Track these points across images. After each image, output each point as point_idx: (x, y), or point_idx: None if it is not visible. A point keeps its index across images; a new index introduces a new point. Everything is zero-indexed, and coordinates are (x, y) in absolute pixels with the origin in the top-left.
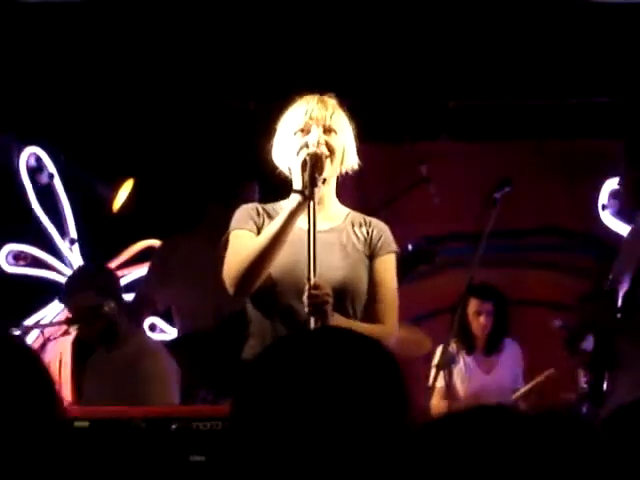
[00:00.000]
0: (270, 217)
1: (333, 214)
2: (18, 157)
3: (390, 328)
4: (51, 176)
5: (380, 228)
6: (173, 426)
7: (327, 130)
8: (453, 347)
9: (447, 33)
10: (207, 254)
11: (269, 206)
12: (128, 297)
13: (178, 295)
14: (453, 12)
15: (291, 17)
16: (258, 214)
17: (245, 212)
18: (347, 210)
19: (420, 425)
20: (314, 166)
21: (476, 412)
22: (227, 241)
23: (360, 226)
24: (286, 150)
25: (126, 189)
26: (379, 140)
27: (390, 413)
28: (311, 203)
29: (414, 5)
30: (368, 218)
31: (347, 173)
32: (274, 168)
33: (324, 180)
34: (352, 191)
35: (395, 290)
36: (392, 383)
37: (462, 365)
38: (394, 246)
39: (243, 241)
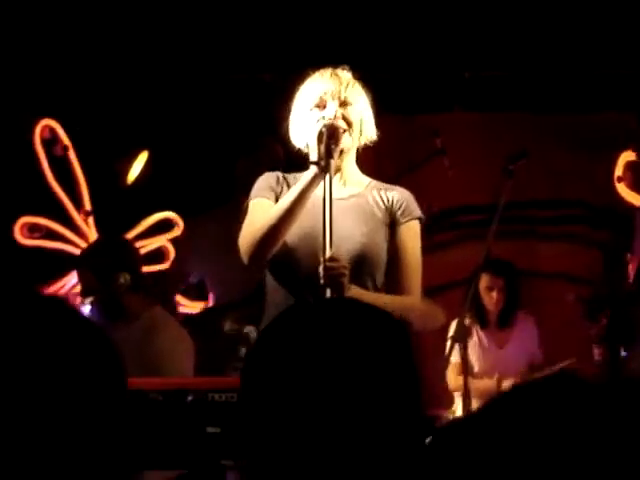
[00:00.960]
0: (289, 186)
1: (354, 182)
2: (33, 129)
3: (413, 299)
4: (66, 148)
5: (402, 194)
6: (189, 398)
7: (343, 103)
8: (467, 321)
9: (462, 3)
10: (234, 226)
11: (290, 176)
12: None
13: (210, 268)
14: None
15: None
16: (278, 182)
17: (265, 180)
18: (369, 179)
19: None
20: (330, 137)
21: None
22: (247, 209)
23: (382, 193)
24: (303, 126)
25: (141, 161)
26: (393, 112)
27: (399, 385)
28: (327, 175)
29: None
30: (391, 186)
31: (366, 145)
32: (291, 144)
33: (341, 151)
34: (367, 163)
35: (419, 258)
36: (402, 355)
37: (476, 339)
38: (418, 212)
39: (260, 210)
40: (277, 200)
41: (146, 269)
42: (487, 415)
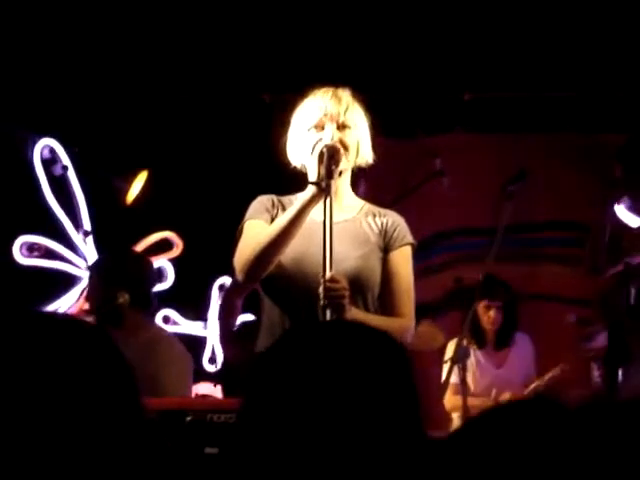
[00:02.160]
0: (284, 209)
1: (348, 206)
2: (32, 149)
3: (407, 321)
4: (65, 168)
5: (395, 220)
6: (188, 418)
7: (341, 126)
8: (465, 342)
9: (462, 26)
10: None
11: (285, 198)
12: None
13: None
14: (468, 4)
15: (306, 10)
16: (273, 205)
17: (260, 203)
18: (362, 202)
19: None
20: (331, 158)
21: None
22: (241, 230)
23: (375, 218)
24: (300, 146)
25: (140, 181)
26: (393, 133)
27: (399, 406)
28: (326, 195)
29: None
30: (383, 210)
31: (361, 167)
32: (288, 164)
33: (340, 172)
34: (366, 184)
35: (411, 282)
36: (402, 376)
37: (473, 360)
38: (410, 238)
39: (255, 230)
40: (272, 222)
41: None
42: (462, 436)
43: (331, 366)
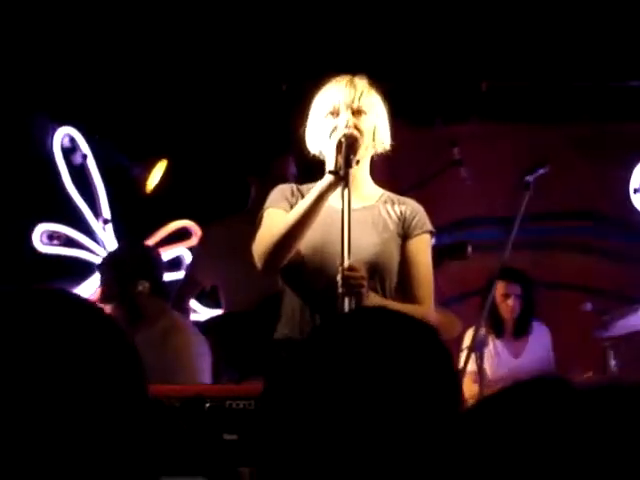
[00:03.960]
0: (303, 197)
1: (367, 194)
2: (52, 137)
3: (427, 308)
4: (85, 156)
5: (414, 208)
6: (207, 405)
7: (356, 112)
8: (483, 330)
9: (479, 14)
10: (246, 234)
11: (304, 187)
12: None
13: (222, 274)
14: None
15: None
16: (292, 194)
17: (280, 192)
18: (381, 190)
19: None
20: (349, 147)
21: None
22: (261, 219)
23: (394, 205)
24: (317, 133)
25: (160, 169)
26: (411, 122)
27: (441, 400)
28: (344, 183)
29: None
30: (402, 198)
31: (379, 154)
32: (307, 151)
33: (357, 161)
34: (383, 173)
35: (431, 270)
36: (444, 370)
37: (491, 348)
38: (429, 226)
39: (275, 219)
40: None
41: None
42: (473, 417)
43: (369, 355)
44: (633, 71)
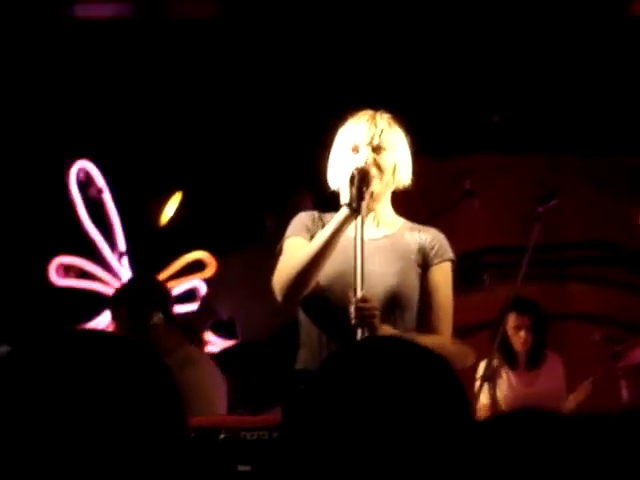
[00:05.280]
0: (325, 226)
1: (388, 223)
2: (68, 171)
3: (444, 339)
4: (100, 190)
5: (435, 236)
6: (221, 436)
7: (376, 149)
8: (496, 361)
9: (491, 47)
10: (263, 264)
11: (327, 215)
12: (178, 309)
13: (238, 305)
14: (497, 28)
15: (341, 34)
16: (313, 222)
17: (300, 220)
18: (402, 220)
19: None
20: (361, 180)
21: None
22: (281, 249)
23: (414, 234)
24: (338, 169)
25: (175, 202)
26: (424, 153)
27: (453, 430)
28: (359, 216)
29: (459, 21)
30: (424, 227)
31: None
32: (328, 187)
33: (372, 194)
34: (397, 203)
35: (451, 299)
36: (456, 401)
37: (505, 379)
38: (450, 254)
39: (295, 249)
40: (312, 239)
41: (178, 309)
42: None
43: (381, 384)
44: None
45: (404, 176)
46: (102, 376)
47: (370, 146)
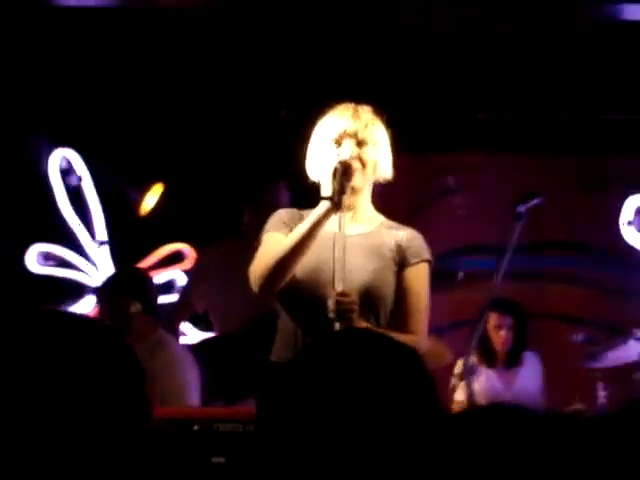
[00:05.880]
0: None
1: (367, 220)
2: (49, 159)
3: (418, 338)
4: (81, 178)
5: (412, 236)
6: (195, 427)
7: (360, 143)
8: (474, 360)
9: (479, 47)
10: (240, 257)
11: (306, 211)
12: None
13: (214, 297)
14: (483, 27)
15: (323, 28)
16: (292, 217)
17: (280, 216)
18: (382, 217)
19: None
20: (343, 174)
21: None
22: (260, 242)
23: (392, 232)
24: (319, 161)
25: (155, 192)
26: (406, 149)
27: (422, 422)
28: (339, 210)
29: (444, 19)
30: (402, 226)
31: (379, 182)
32: (307, 178)
33: (353, 188)
34: (378, 199)
35: (426, 300)
36: (426, 393)
37: (483, 378)
38: (427, 255)
39: (273, 243)
40: None
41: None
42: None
43: (355, 379)
44: (626, 105)
45: (385, 171)
46: (64, 356)
47: (354, 140)
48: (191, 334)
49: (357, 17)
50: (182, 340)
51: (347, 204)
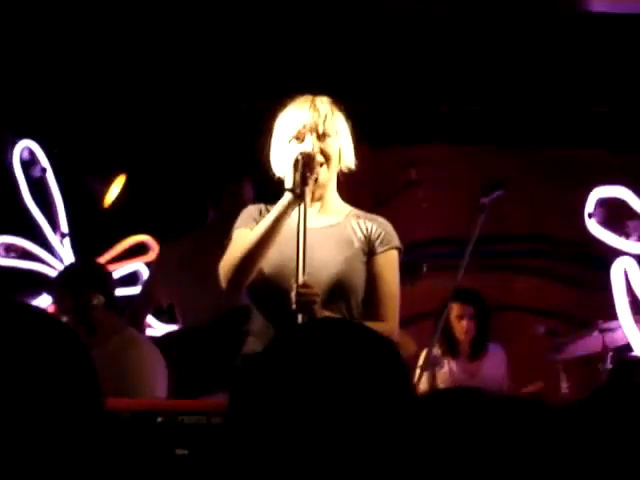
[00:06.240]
0: None
1: (335, 211)
2: (12, 150)
3: (389, 326)
4: (44, 170)
5: (381, 224)
6: (159, 419)
7: (321, 136)
8: (438, 351)
9: (440, 38)
10: (207, 251)
11: (273, 206)
12: (119, 292)
13: (177, 291)
14: (446, 18)
15: (283, 19)
16: (260, 213)
17: (248, 212)
18: (349, 208)
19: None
20: (305, 165)
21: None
22: (230, 240)
23: (360, 221)
24: (282, 157)
25: (118, 184)
26: (369, 142)
27: (395, 410)
28: (302, 202)
29: (407, 10)
30: (370, 215)
31: (343, 172)
32: (271, 173)
33: (316, 180)
34: (342, 193)
35: (396, 287)
36: (398, 380)
37: (447, 369)
38: (396, 242)
39: (240, 239)
40: None
41: (120, 292)
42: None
43: (327, 369)
44: (591, 97)
45: (349, 160)
46: (10, 346)
47: (315, 133)
48: (157, 327)
49: (317, 7)
50: (148, 332)
51: (316, 196)
